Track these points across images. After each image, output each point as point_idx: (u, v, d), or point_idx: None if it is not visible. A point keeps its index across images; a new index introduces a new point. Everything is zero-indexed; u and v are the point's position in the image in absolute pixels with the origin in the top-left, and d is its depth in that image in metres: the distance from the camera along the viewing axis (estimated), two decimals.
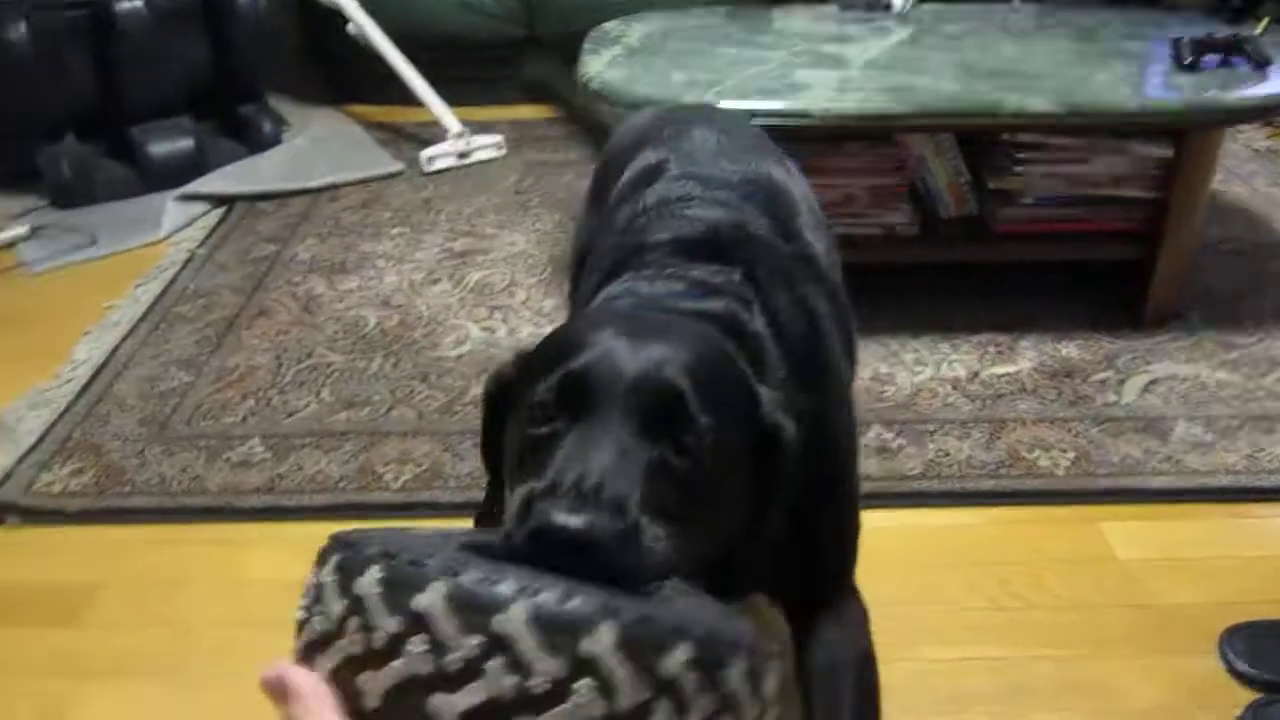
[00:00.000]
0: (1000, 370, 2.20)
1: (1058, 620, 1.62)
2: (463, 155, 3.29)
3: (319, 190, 3.14)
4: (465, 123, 3.32)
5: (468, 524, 1.21)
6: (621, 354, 0.86)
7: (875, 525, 1.81)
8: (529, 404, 0.86)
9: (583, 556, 0.68)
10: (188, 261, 2.78)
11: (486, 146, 3.33)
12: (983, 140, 2.37)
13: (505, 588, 0.56)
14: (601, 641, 0.55)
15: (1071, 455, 1.96)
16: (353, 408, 2.16)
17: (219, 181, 3.16)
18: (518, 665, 0.54)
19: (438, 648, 0.56)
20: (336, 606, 0.60)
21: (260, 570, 1.79)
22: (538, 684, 0.54)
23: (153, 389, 2.25)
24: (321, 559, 0.63)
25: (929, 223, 2.39)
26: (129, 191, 3.17)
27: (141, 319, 2.51)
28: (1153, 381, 2.16)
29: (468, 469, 1.96)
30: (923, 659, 1.56)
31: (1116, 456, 1.95)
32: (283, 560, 1.81)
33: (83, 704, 1.55)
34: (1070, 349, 2.26)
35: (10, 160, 3.18)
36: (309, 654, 0.62)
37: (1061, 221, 2.35)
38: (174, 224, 2.99)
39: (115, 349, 2.39)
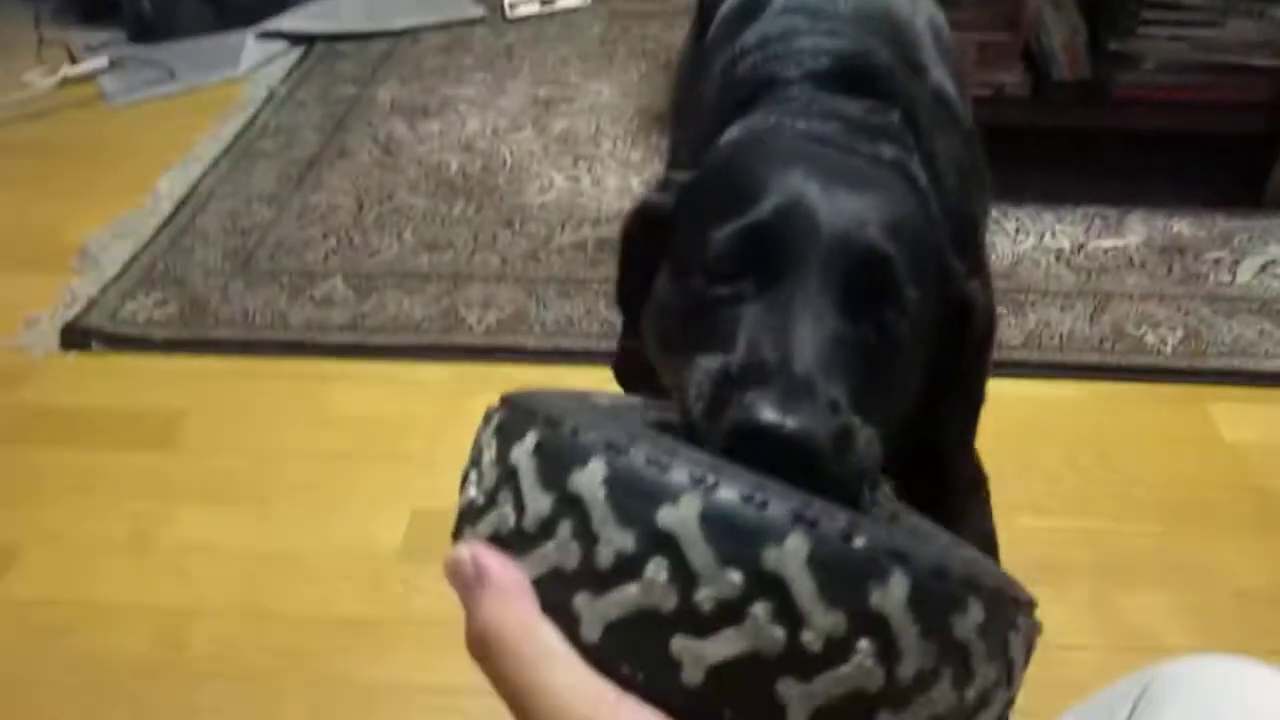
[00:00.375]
0: (1107, 243, 2.10)
1: (1159, 497, 1.56)
2: (546, 2, 3.18)
3: (400, 33, 3.06)
4: None
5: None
6: (817, 203, 0.72)
7: None
8: (703, 255, 0.73)
9: (796, 464, 0.55)
10: (268, 99, 2.73)
11: None
12: None
13: (776, 509, 0.43)
14: (894, 595, 0.43)
15: (1180, 333, 1.87)
16: (435, 251, 2.12)
17: (299, 20, 3.09)
18: (788, 614, 0.43)
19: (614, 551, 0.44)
20: (491, 475, 0.51)
21: (343, 406, 1.79)
22: (812, 640, 0.43)
23: (235, 224, 2.23)
24: (486, 419, 0.54)
25: (1041, 85, 2.26)
26: (208, 27, 3.11)
27: (223, 154, 2.48)
28: (1270, 262, 2.05)
29: (553, 316, 1.92)
30: (1018, 527, 1.51)
31: (1228, 337, 1.86)
32: (365, 397, 1.81)
33: (172, 524, 1.57)
34: (1182, 225, 2.15)
35: None
36: (460, 524, 0.53)
37: (1183, 89, 2.20)
38: (252, 61, 2.93)
39: (197, 183, 2.37)
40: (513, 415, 0.51)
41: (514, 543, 0.47)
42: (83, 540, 1.56)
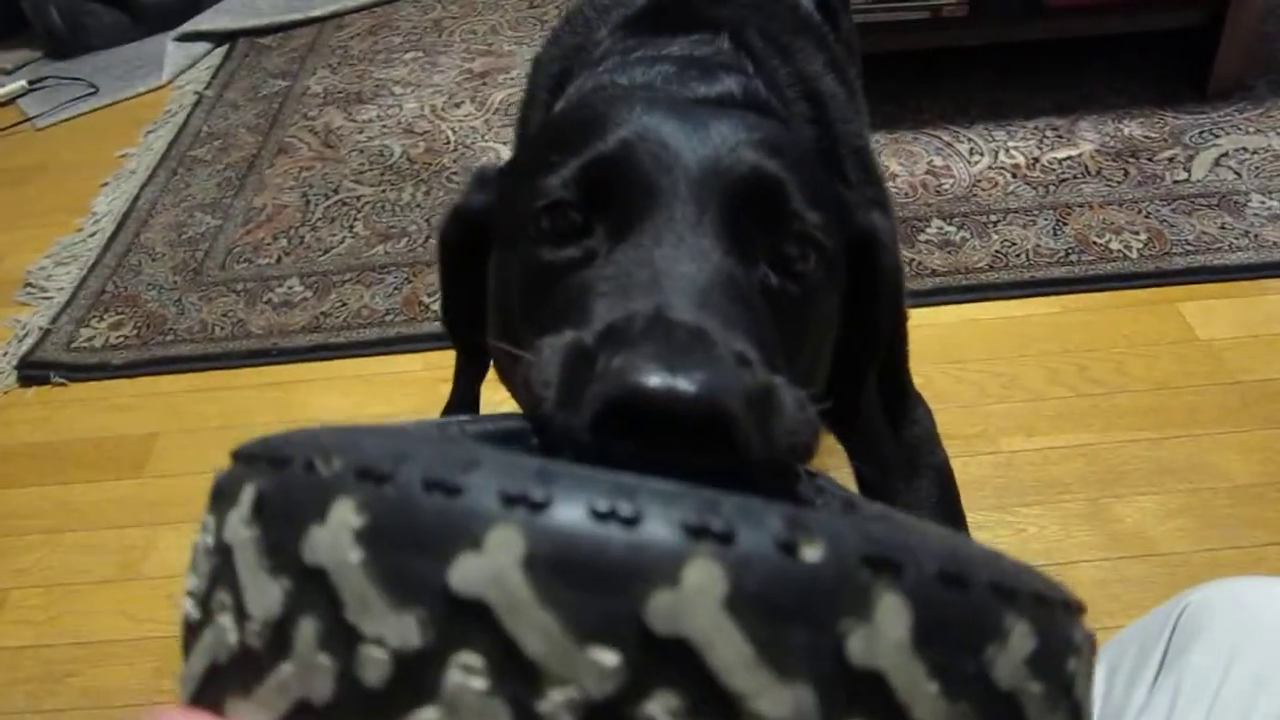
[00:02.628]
0: (1061, 154, 2.09)
1: (1144, 403, 1.57)
2: None
3: (323, 19, 2.98)
4: None
5: None
6: (673, 131, 0.58)
7: (944, 320, 1.77)
8: (535, 211, 0.58)
9: (702, 444, 0.39)
10: (196, 104, 2.66)
11: None
12: None
13: (656, 524, 0.27)
14: (887, 633, 0.27)
15: (1144, 236, 1.87)
16: (389, 240, 2.08)
17: (217, 18, 3.00)
18: (714, 702, 0.26)
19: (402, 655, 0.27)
20: (204, 571, 0.33)
21: (317, 410, 1.76)
22: None
23: (180, 236, 2.17)
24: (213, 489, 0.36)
25: (977, 2, 2.23)
26: (125, 37, 3.03)
27: (158, 166, 2.41)
28: (1223, 155, 2.05)
29: None
30: (1007, 450, 1.52)
31: (1191, 235, 1.86)
32: (336, 399, 1.78)
33: (158, 550, 1.54)
34: (1133, 127, 2.14)
35: None
36: (186, 658, 0.34)
37: None
38: (176, 66, 2.85)
39: (135, 198, 2.31)
40: (231, 472, 0.34)
41: (236, 674, 0.30)
42: (69, 578, 1.52)
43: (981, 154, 2.11)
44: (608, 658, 0.25)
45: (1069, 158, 2.08)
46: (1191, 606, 0.59)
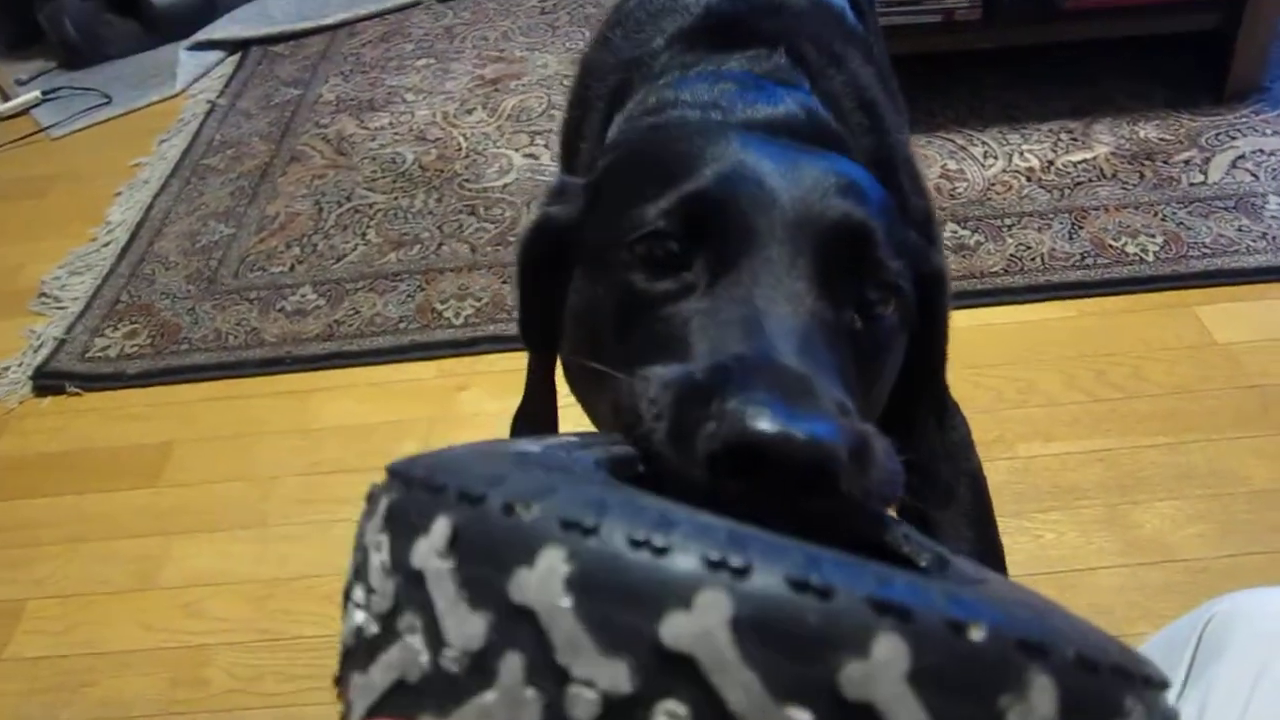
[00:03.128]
0: (1076, 157, 2.08)
1: (1162, 408, 1.56)
2: None
3: (335, 27, 2.99)
4: None
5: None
6: (766, 169, 0.59)
7: (959, 325, 1.74)
8: (630, 240, 0.58)
9: (814, 494, 0.41)
10: (209, 112, 2.66)
11: None
12: None
13: (846, 597, 0.29)
14: (1038, 712, 0.29)
15: (1160, 239, 1.86)
16: (402, 247, 2.08)
17: (230, 27, 3.01)
18: None
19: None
20: (386, 589, 0.34)
21: (331, 418, 1.76)
22: None
23: (194, 244, 2.18)
24: (370, 502, 0.37)
25: (990, 5, 2.22)
26: (138, 46, 3.04)
27: (171, 175, 2.42)
28: (1239, 157, 2.04)
29: None
30: (1025, 455, 1.51)
31: (1208, 238, 1.85)
32: (352, 406, 1.78)
33: (174, 560, 1.54)
34: (1148, 130, 2.13)
35: (14, 22, 3.05)
36: (345, 671, 0.36)
37: None
38: (189, 75, 2.86)
39: (149, 207, 2.31)
40: (408, 495, 0.35)
41: (430, 694, 0.31)
42: (85, 588, 1.52)
43: (995, 157, 2.10)
44: (803, 716, 0.28)
45: (1084, 161, 2.07)
46: (1218, 617, 0.58)
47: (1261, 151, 2.05)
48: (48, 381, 1.88)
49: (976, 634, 0.29)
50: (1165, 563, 1.36)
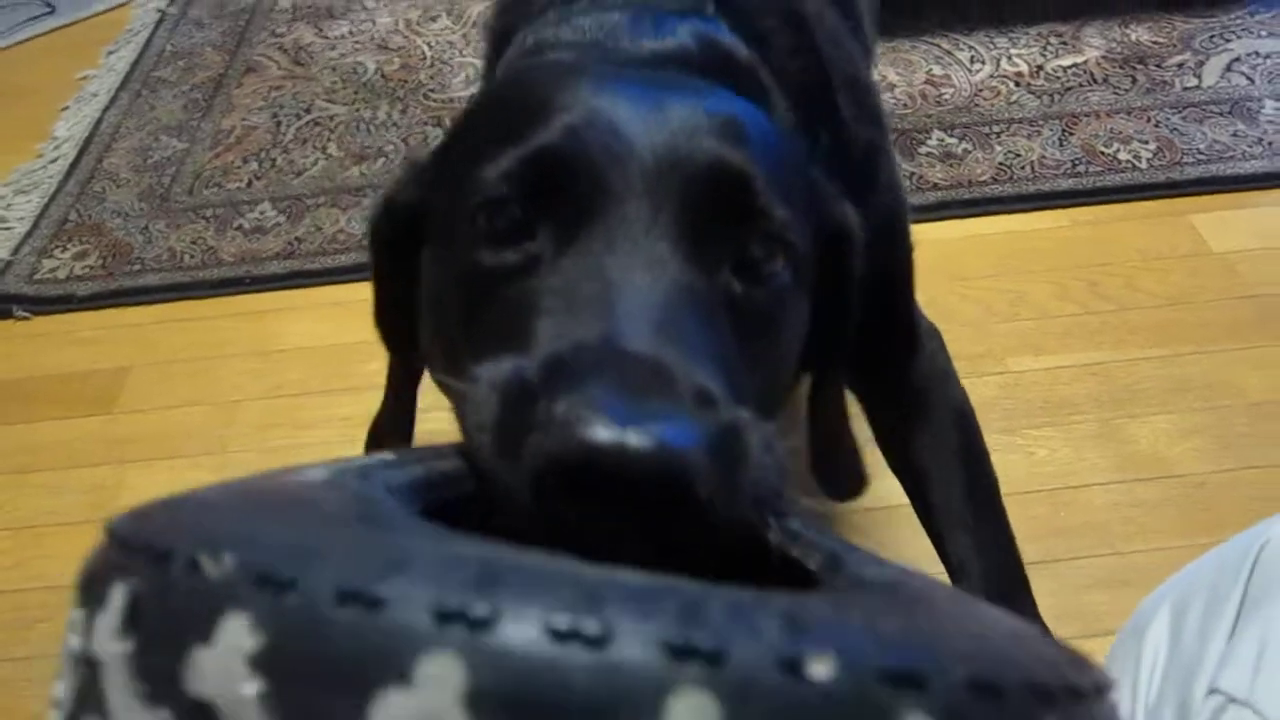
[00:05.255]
0: (1065, 61, 2.00)
1: (1156, 320, 1.51)
2: None
3: None
4: None
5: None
6: (627, 114, 0.51)
7: (947, 236, 1.69)
8: (470, 210, 0.51)
9: (661, 508, 0.34)
10: (159, 22, 2.53)
11: None
12: None
13: (629, 643, 0.22)
14: None
15: (1153, 146, 1.79)
16: (365, 160, 1.98)
17: None
18: None
19: None
20: (71, 683, 0.28)
21: (293, 339, 1.68)
22: None
23: (145, 160, 2.07)
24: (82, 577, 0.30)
25: None
26: None
27: (120, 88, 2.30)
28: (1234, 60, 1.97)
29: None
30: (1015, 370, 1.46)
31: (1203, 143, 1.79)
32: (314, 326, 1.70)
33: (132, 489, 1.48)
34: (1140, 33, 2.05)
35: None
36: None
37: None
38: None
39: (98, 122, 2.20)
40: (104, 559, 0.28)
41: None
42: (40, 520, 1.45)
43: (983, 62, 2.02)
44: None
45: (1074, 65, 1.99)
46: (1273, 543, 0.52)
47: (1257, 54, 1.98)
48: None
49: (820, 670, 0.21)
50: (1161, 478, 1.31)
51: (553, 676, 0.20)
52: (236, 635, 0.22)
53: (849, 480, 0.73)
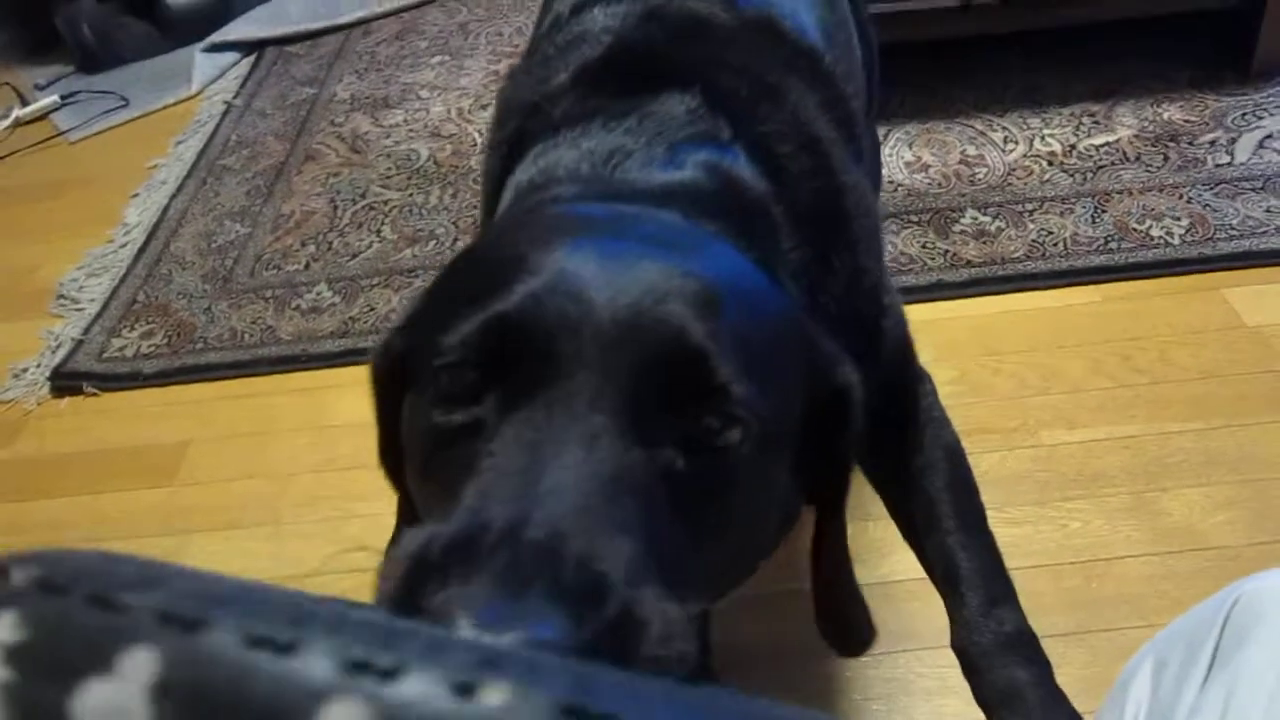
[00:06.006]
0: (1098, 140, 2.04)
1: (1190, 393, 1.52)
2: None
3: (350, 26, 2.98)
4: None
5: None
6: (591, 280, 0.52)
7: (981, 312, 1.73)
8: (433, 370, 0.54)
9: None
10: (225, 113, 2.66)
11: None
12: None
13: None
14: None
15: (1186, 222, 1.82)
16: (417, 243, 2.07)
17: (245, 27, 3.01)
18: None
19: None
20: None
21: (346, 414, 1.74)
22: None
23: (210, 244, 2.18)
24: None
25: None
26: (154, 48, 3.04)
27: (188, 175, 2.42)
28: (1267, 137, 2.00)
29: None
30: (1049, 443, 1.48)
31: (1235, 219, 1.81)
32: (365, 404, 1.75)
33: (190, 557, 1.53)
34: (1172, 111, 2.09)
35: (32, 27, 3.06)
36: None
37: None
38: (205, 77, 2.86)
39: (165, 208, 2.31)
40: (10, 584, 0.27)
41: None
42: None
43: (1016, 142, 2.07)
44: None
45: (1107, 143, 2.03)
46: (1244, 599, 0.55)
47: None
48: (65, 382, 1.88)
49: (492, 696, 0.21)
50: (1195, 550, 1.32)
51: (234, 674, 0.22)
52: (137, 667, 0.23)
53: (853, 635, 0.71)
